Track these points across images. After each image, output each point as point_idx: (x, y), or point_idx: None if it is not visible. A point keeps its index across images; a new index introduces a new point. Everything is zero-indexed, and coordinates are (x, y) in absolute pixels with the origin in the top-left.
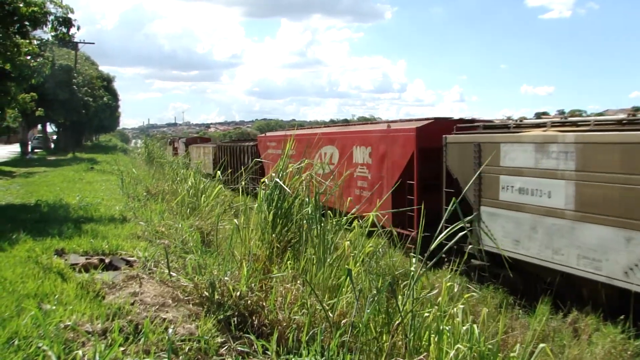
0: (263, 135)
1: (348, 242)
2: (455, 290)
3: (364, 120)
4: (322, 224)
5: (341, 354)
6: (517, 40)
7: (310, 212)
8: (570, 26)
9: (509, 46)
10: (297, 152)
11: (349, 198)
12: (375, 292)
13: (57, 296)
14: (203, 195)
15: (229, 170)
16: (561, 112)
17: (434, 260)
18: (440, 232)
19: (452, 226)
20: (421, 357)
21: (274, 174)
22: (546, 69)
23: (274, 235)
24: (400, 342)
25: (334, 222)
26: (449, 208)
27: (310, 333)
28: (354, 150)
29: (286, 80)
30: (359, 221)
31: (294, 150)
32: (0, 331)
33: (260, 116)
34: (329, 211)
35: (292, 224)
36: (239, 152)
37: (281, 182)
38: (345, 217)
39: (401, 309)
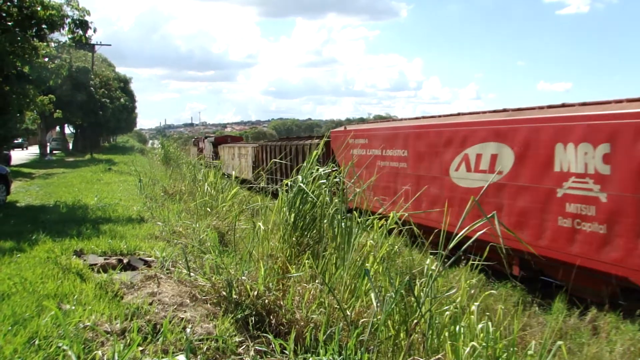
0: (341, 129)
1: (371, 242)
2: (473, 289)
3: (379, 118)
4: (345, 225)
5: (359, 353)
6: (533, 36)
7: (331, 214)
8: (587, 21)
9: (526, 42)
10: (414, 154)
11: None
12: (393, 290)
13: (76, 296)
14: (221, 195)
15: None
16: None
17: (452, 259)
18: None
19: None
20: (439, 356)
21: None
22: (563, 65)
23: (294, 238)
24: (418, 341)
25: (359, 222)
26: None
27: (328, 332)
28: (559, 149)
29: (302, 79)
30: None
31: (405, 150)
32: (21, 331)
33: (276, 116)
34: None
35: (314, 224)
36: (294, 153)
37: (304, 187)
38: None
39: (420, 309)
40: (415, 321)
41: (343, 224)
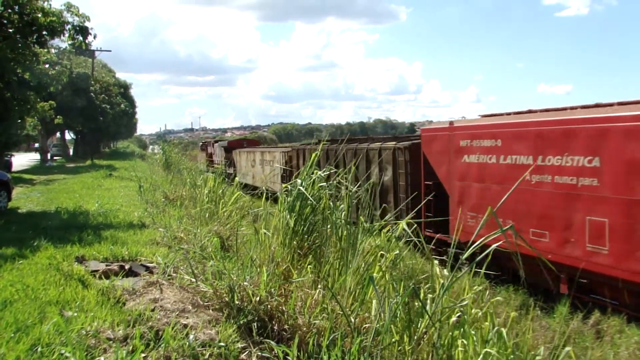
0: (442, 125)
1: (382, 253)
2: (478, 295)
3: (379, 122)
4: (350, 230)
5: (362, 359)
6: (533, 38)
7: (334, 218)
8: (587, 23)
9: (525, 45)
10: (618, 163)
11: None
12: (397, 296)
13: (78, 303)
14: (222, 201)
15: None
16: None
17: (466, 271)
18: None
19: None
20: None
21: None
22: (563, 68)
23: (295, 242)
24: (425, 350)
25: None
26: None
27: (331, 337)
28: None
29: (302, 83)
30: None
31: (595, 157)
32: (24, 338)
33: (276, 120)
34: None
35: (314, 228)
36: (361, 160)
37: (304, 190)
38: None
39: (430, 319)
40: (424, 331)
41: (346, 229)
